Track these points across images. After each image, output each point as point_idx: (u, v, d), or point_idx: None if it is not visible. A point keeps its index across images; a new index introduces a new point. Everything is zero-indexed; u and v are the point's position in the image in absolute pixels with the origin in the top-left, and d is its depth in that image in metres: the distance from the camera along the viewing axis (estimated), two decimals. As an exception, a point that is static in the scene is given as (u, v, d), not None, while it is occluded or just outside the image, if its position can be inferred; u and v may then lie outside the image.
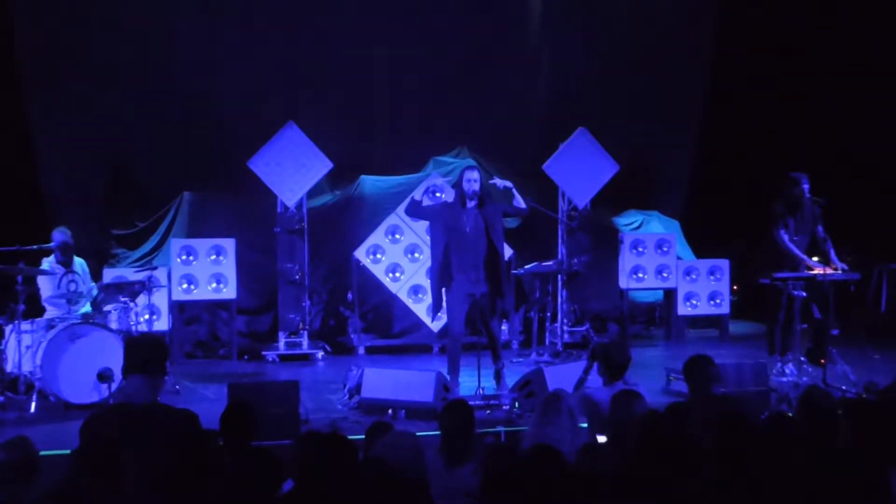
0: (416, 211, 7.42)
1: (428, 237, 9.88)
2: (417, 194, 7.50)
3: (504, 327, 9.64)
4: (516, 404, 6.60)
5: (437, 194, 8.76)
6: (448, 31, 10.77)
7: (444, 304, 7.25)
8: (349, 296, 9.90)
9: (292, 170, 9.44)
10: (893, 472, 3.22)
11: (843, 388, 7.13)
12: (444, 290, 7.18)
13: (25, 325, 7.17)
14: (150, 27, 10.07)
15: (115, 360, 6.47)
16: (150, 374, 3.42)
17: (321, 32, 10.49)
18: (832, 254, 7.87)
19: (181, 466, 3.16)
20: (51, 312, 7.68)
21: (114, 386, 6.84)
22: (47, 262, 7.78)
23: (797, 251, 7.93)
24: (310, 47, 10.47)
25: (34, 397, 6.91)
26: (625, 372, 5.20)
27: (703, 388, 4.90)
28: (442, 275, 7.15)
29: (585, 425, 4.89)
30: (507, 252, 10.00)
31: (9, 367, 7.16)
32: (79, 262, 7.92)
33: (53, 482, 3.65)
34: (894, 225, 10.68)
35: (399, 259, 9.95)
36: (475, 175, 7.12)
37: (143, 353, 3.48)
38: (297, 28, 10.42)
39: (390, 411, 6.61)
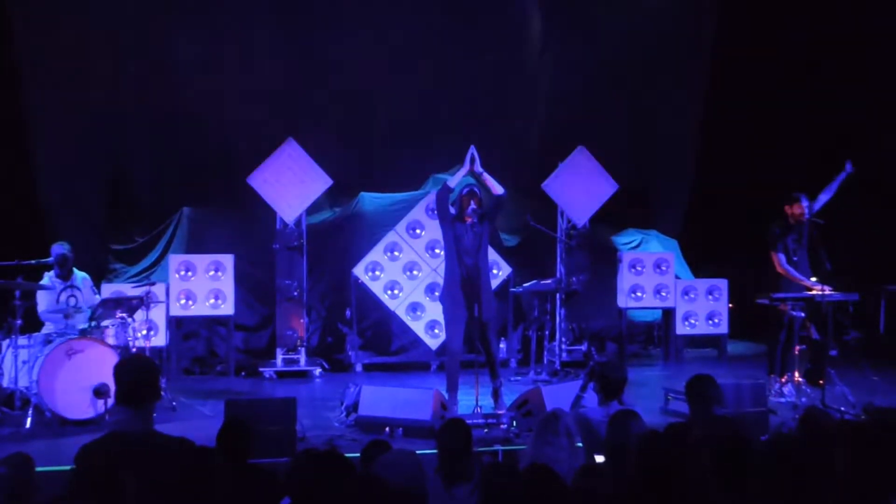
0: (444, 200, 7.15)
1: (427, 254, 9.94)
2: (452, 182, 7.24)
3: (502, 345, 9.64)
4: (514, 423, 6.57)
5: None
6: (448, 49, 10.84)
7: (444, 320, 7.24)
8: (347, 313, 9.88)
9: (291, 186, 9.45)
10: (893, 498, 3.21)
11: (842, 409, 7.11)
12: (444, 305, 7.19)
13: (22, 340, 7.14)
14: (151, 43, 10.13)
15: (111, 376, 6.42)
16: (140, 405, 3.31)
17: (321, 49, 10.54)
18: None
19: (176, 496, 3.12)
20: (48, 327, 7.66)
21: (110, 402, 6.81)
22: (48, 277, 7.77)
23: (795, 273, 7.94)
24: (310, 64, 10.52)
25: (30, 413, 6.87)
26: (621, 392, 5.18)
27: (704, 408, 4.88)
28: (448, 284, 7.17)
29: (581, 444, 4.87)
30: (507, 270, 10.05)
31: (5, 383, 7.13)
32: (81, 276, 7.91)
33: (48, 500, 3.63)
34: (892, 246, 10.69)
35: (398, 276, 9.94)
36: (474, 191, 7.19)
37: (129, 386, 3.33)
38: (298, 44, 10.47)
39: (388, 429, 6.58)
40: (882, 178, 10.68)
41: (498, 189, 7.24)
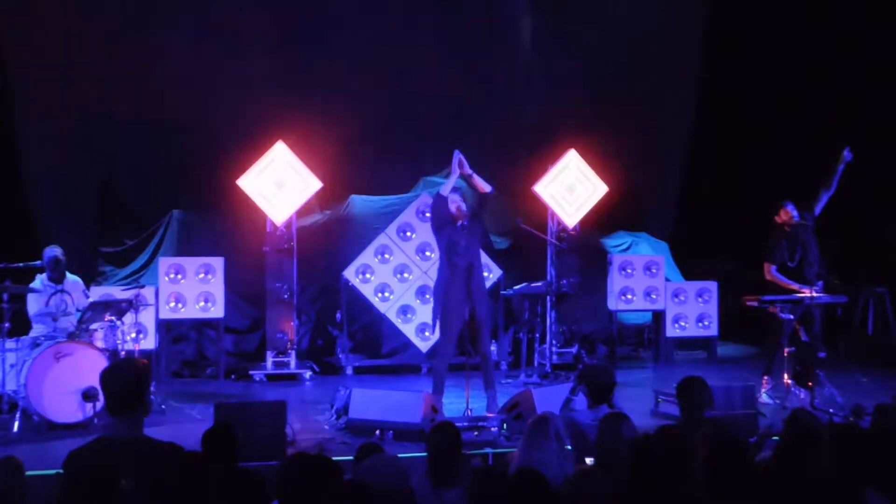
0: (441, 209, 7.23)
1: (417, 257, 9.94)
2: (445, 190, 7.25)
3: (493, 348, 9.63)
4: (504, 426, 6.57)
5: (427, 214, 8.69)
6: (438, 52, 10.84)
7: (439, 321, 7.25)
8: (338, 315, 9.86)
9: (282, 189, 9.44)
10: (871, 493, 3.25)
11: (831, 410, 7.15)
12: (441, 305, 7.19)
13: (10, 343, 7.10)
14: (141, 47, 10.09)
15: (98, 382, 6.39)
16: (128, 414, 3.28)
17: (312, 52, 10.53)
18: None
19: (166, 501, 3.10)
20: (36, 330, 7.61)
21: (98, 405, 6.78)
22: (39, 280, 7.73)
23: (784, 279, 7.98)
24: (300, 66, 10.51)
25: (17, 416, 6.84)
26: (610, 395, 5.19)
27: (694, 410, 4.89)
28: (443, 288, 7.19)
29: (570, 448, 4.87)
30: (497, 272, 10.05)
31: (-8, 386, 7.09)
32: (72, 280, 7.87)
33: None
34: (880, 249, 10.75)
35: (388, 279, 9.93)
36: (459, 195, 7.25)
37: (117, 397, 3.30)
38: (288, 48, 10.46)
39: (378, 432, 6.57)
40: (876, 181, 10.73)
41: (486, 187, 7.33)
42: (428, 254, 9.92)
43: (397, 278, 9.95)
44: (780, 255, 8.01)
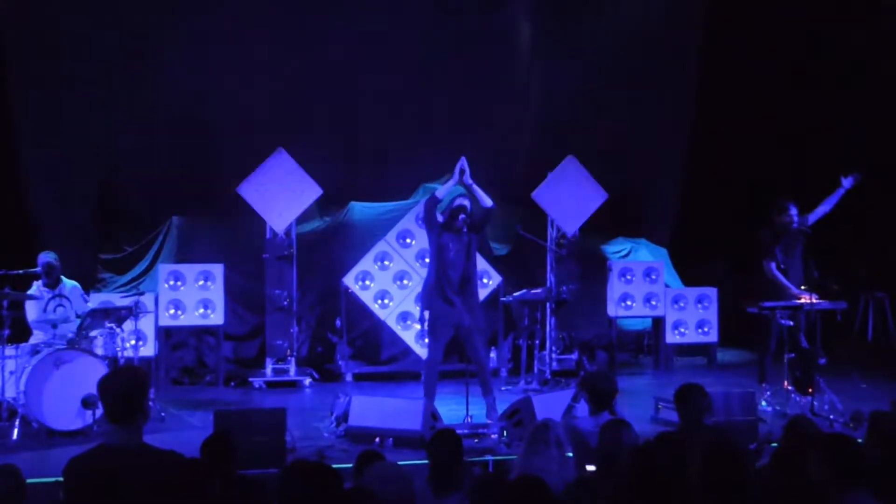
0: (431, 209, 7.23)
1: (417, 264, 9.94)
2: (440, 192, 7.31)
3: (493, 355, 9.62)
4: (505, 433, 6.57)
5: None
6: (437, 59, 10.85)
7: (427, 327, 7.26)
8: (337, 322, 9.85)
9: (282, 196, 9.43)
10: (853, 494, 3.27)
11: (831, 417, 7.14)
12: (428, 311, 7.18)
13: (10, 350, 7.10)
14: (141, 53, 10.10)
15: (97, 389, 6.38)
16: (127, 421, 3.28)
17: (312, 58, 10.54)
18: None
19: None
20: (36, 337, 7.62)
21: (98, 413, 6.77)
22: (36, 286, 7.73)
23: (784, 280, 7.98)
24: (300, 73, 10.51)
25: (17, 424, 6.83)
26: (611, 402, 5.19)
27: (693, 417, 4.89)
28: (430, 293, 7.18)
29: (571, 455, 4.87)
30: (497, 279, 10.05)
31: (-8, 393, 7.08)
32: (70, 285, 7.87)
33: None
34: (879, 254, 10.75)
35: (388, 286, 9.93)
36: (465, 202, 7.20)
37: (115, 403, 3.29)
38: (288, 53, 10.46)
39: (378, 439, 6.57)
40: (872, 183, 10.73)
41: (487, 201, 7.27)
42: (427, 260, 9.90)
43: (397, 285, 9.94)
44: (773, 253, 8.01)
